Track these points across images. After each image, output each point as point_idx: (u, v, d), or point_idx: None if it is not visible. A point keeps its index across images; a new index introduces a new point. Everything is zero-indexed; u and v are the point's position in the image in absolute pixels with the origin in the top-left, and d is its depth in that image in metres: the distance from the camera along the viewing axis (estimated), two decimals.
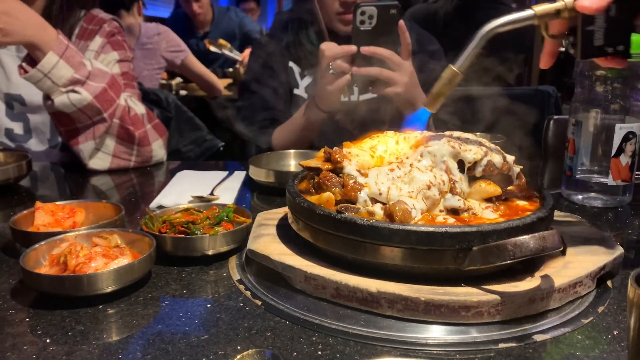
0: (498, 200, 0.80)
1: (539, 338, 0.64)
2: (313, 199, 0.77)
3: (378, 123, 1.20)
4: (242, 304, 0.72)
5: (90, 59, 1.36)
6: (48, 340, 0.63)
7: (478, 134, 0.87)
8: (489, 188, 0.78)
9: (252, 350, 0.59)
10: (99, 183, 1.37)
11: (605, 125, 1.08)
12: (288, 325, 0.67)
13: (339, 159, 0.79)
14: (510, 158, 0.82)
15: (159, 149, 1.50)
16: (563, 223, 0.89)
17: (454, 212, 0.75)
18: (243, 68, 3.48)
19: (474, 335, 0.64)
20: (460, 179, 0.77)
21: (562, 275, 0.70)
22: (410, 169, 0.76)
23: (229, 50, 3.78)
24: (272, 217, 0.91)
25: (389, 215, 0.71)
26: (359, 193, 0.75)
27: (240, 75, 3.45)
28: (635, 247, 0.96)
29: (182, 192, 1.17)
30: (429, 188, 0.74)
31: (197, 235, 0.83)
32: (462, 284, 0.68)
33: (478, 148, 0.79)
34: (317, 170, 0.81)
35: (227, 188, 1.22)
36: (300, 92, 1.59)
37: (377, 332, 0.65)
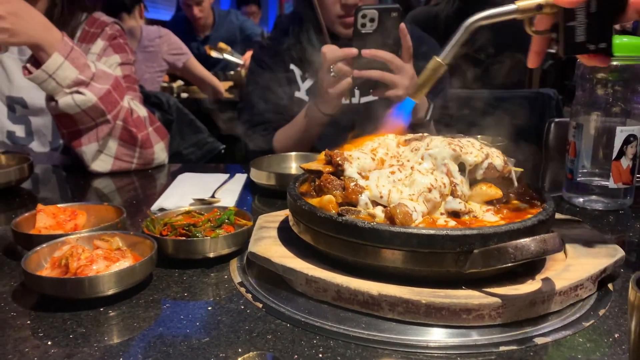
0: (499, 203, 0.80)
1: (540, 341, 0.64)
2: (314, 202, 0.77)
3: (379, 126, 1.20)
4: (243, 307, 0.72)
5: (94, 61, 1.36)
6: (49, 343, 0.64)
7: (479, 137, 0.87)
8: (490, 191, 0.78)
9: (253, 353, 0.59)
10: (101, 186, 1.37)
11: (606, 128, 1.08)
12: (289, 328, 0.67)
13: (340, 162, 0.79)
14: (511, 161, 0.82)
15: (161, 152, 1.50)
16: (564, 226, 0.88)
17: (455, 214, 0.76)
18: (245, 71, 3.48)
19: (475, 338, 0.64)
20: (461, 182, 0.77)
21: (563, 278, 0.70)
22: (411, 172, 0.76)
23: (230, 54, 3.78)
24: (273, 219, 0.91)
25: (390, 218, 0.71)
26: (360, 196, 0.75)
27: (242, 78, 3.45)
28: (637, 249, 0.96)
29: (183, 194, 1.17)
30: (430, 191, 0.74)
31: (198, 238, 0.83)
32: (463, 287, 0.68)
33: (479, 151, 0.79)
34: (318, 173, 0.81)
35: (228, 191, 1.22)
36: (302, 94, 1.59)
37: (378, 334, 0.65)
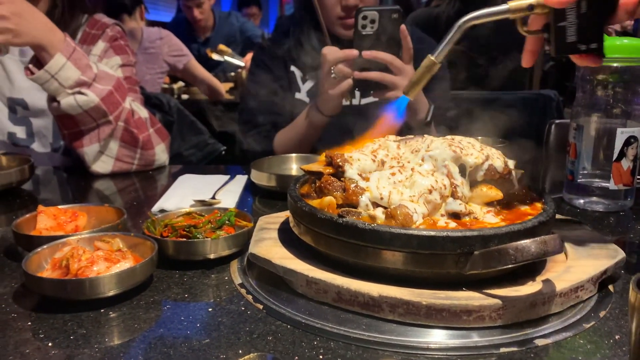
0: (499, 205, 0.80)
1: (541, 342, 0.63)
2: (314, 203, 0.77)
3: (376, 124, 1.20)
4: (243, 308, 0.72)
5: (96, 62, 1.37)
6: (50, 344, 0.64)
7: (479, 138, 0.87)
8: (491, 192, 0.78)
9: (253, 355, 0.59)
10: (101, 187, 1.37)
11: (607, 130, 1.08)
12: (289, 330, 0.67)
13: (341, 163, 0.79)
14: (512, 162, 0.82)
15: (162, 153, 1.50)
16: (564, 227, 0.88)
17: (456, 216, 0.76)
18: (245, 72, 3.49)
19: (476, 340, 0.64)
20: (462, 183, 0.77)
21: (563, 280, 0.70)
22: (412, 173, 0.76)
23: (231, 57, 3.78)
24: (273, 221, 0.91)
25: (391, 220, 0.71)
26: (361, 197, 0.75)
27: (243, 79, 3.46)
28: (637, 251, 0.96)
29: (184, 196, 1.17)
30: (431, 192, 0.74)
31: (198, 239, 0.83)
32: (463, 288, 0.68)
33: (479, 152, 0.79)
34: (318, 175, 0.81)
35: (228, 192, 1.22)
36: (302, 96, 1.59)
37: (378, 336, 0.65)
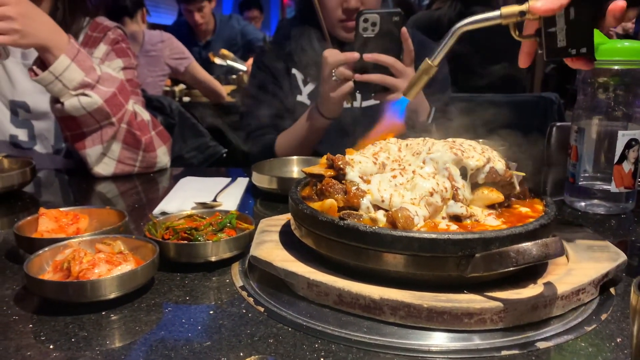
0: (500, 207, 0.80)
1: (542, 345, 0.63)
2: (316, 206, 0.78)
3: (377, 126, 1.21)
4: (244, 311, 0.72)
5: (99, 65, 1.37)
6: (51, 346, 0.64)
7: (480, 141, 0.87)
8: (492, 195, 0.78)
9: (254, 357, 0.59)
10: (103, 189, 1.37)
11: (608, 132, 1.08)
12: (291, 332, 0.67)
13: (342, 166, 0.79)
14: (513, 165, 0.82)
15: (163, 156, 1.50)
16: (566, 230, 0.88)
17: (457, 219, 0.76)
18: (247, 75, 3.49)
19: (477, 343, 0.64)
20: (463, 186, 0.77)
21: (565, 283, 0.70)
22: (413, 176, 0.76)
23: (233, 61, 3.79)
24: (274, 223, 0.91)
25: (392, 222, 0.71)
26: (362, 200, 0.75)
27: (244, 82, 3.46)
28: (639, 254, 0.96)
29: (185, 198, 1.17)
30: (432, 195, 0.74)
31: (200, 242, 0.83)
32: (464, 291, 0.68)
33: (480, 155, 0.79)
34: (319, 177, 0.81)
35: (230, 194, 1.22)
36: (303, 98, 1.59)
37: (379, 339, 0.65)
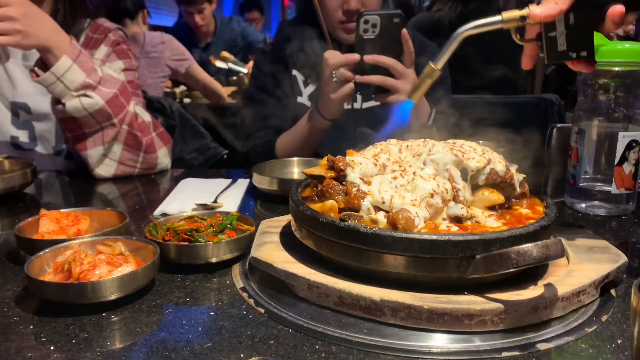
0: (501, 209, 0.80)
1: (543, 347, 0.63)
2: (316, 207, 0.78)
3: (381, 129, 1.21)
4: (245, 312, 0.72)
5: (100, 66, 1.37)
6: (52, 348, 0.64)
7: (481, 142, 0.87)
8: (492, 196, 0.78)
9: (255, 359, 0.59)
10: (104, 190, 1.37)
11: (608, 134, 1.08)
12: (291, 334, 0.67)
13: (342, 167, 0.79)
14: (513, 166, 0.82)
15: (164, 157, 1.51)
16: (566, 231, 0.88)
17: (457, 220, 0.76)
18: (247, 77, 3.49)
19: (477, 344, 0.64)
20: (464, 187, 0.77)
21: (565, 284, 0.70)
22: (414, 177, 0.76)
23: (234, 63, 3.79)
24: (275, 224, 0.91)
25: (392, 223, 0.71)
26: (362, 201, 0.75)
27: (244, 83, 3.46)
28: (639, 255, 0.95)
29: (185, 199, 1.17)
30: (432, 196, 0.74)
31: (200, 243, 0.83)
32: (465, 292, 0.68)
33: (481, 156, 0.79)
34: (320, 178, 0.81)
35: (230, 196, 1.22)
36: (304, 100, 1.59)
37: (380, 340, 0.65)
